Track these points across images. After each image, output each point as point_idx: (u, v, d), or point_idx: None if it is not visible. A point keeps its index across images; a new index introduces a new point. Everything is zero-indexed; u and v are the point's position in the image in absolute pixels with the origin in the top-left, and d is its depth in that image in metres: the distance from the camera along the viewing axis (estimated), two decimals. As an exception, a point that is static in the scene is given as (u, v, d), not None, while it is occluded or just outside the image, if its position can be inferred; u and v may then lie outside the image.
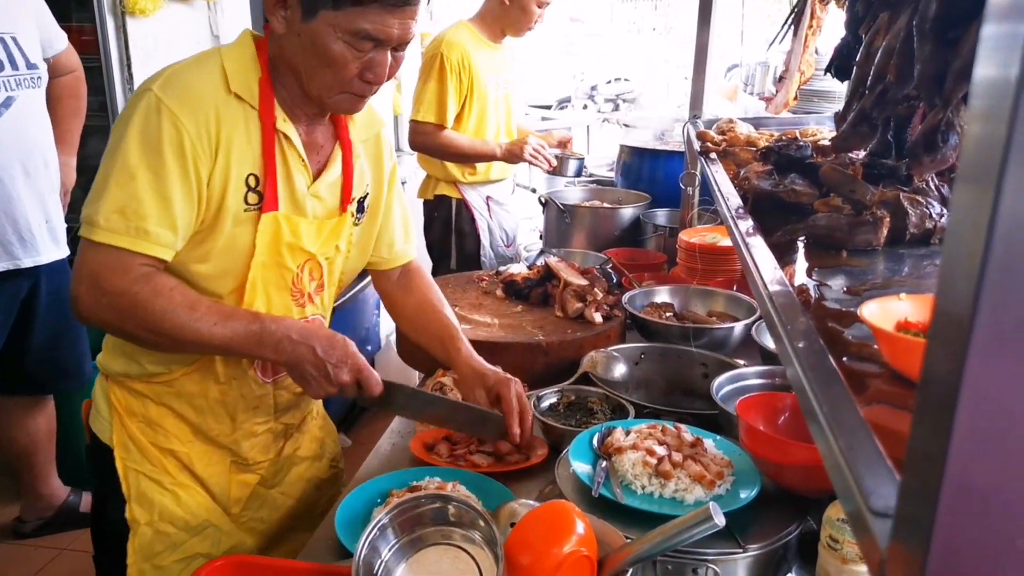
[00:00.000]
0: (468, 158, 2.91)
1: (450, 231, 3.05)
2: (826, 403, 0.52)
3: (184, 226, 1.20)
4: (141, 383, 1.34)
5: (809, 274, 0.91)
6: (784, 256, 1.00)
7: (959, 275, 0.31)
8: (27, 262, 2.38)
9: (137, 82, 2.91)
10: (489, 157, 2.90)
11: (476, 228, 3.03)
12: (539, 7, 2.79)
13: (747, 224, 1.06)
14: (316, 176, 1.34)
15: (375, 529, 0.98)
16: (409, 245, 1.64)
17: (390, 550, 1.01)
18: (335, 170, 1.37)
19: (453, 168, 2.96)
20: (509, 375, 1.46)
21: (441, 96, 2.78)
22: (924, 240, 1.03)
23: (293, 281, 1.34)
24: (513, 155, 2.88)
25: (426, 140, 2.84)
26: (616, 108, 8.73)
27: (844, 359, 0.65)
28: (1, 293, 2.37)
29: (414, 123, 2.84)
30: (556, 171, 2.94)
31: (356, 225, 1.45)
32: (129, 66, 2.87)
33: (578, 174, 3.14)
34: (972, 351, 0.30)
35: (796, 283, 0.84)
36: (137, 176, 1.16)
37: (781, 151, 1.28)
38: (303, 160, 1.30)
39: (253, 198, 1.25)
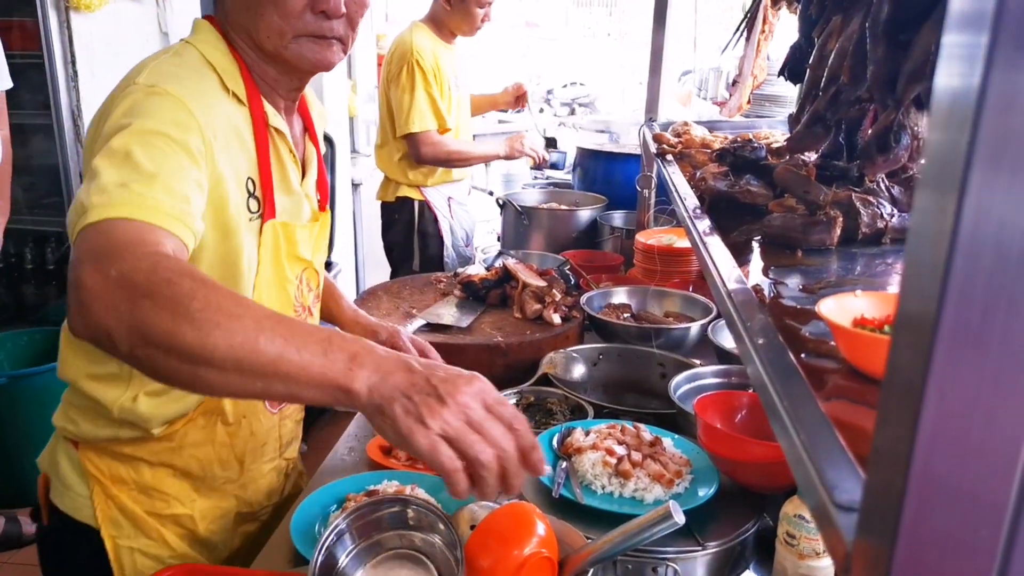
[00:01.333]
0: (475, 161, 3.00)
1: (413, 233, 3.04)
2: (787, 399, 0.53)
3: (196, 213, 0.95)
4: (132, 445, 1.15)
5: (765, 273, 0.92)
6: (740, 256, 1.01)
7: (923, 277, 0.31)
8: None
9: (83, 79, 2.82)
10: (494, 157, 3.00)
11: (439, 229, 3.02)
12: (480, 7, 2.80)
13: (705, 224, 1.07)
14: (302, 174, 1.25)
15: (332, 535, 0.96)
16: None
17: (347, 556, 0.99)
18: (314, 166, 1.29)
19: (415, 171, 2.94)
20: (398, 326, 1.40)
21: (432, 102, 2.78)
22: (876, 239, 1.05)
23: (294, 294, 1.23)
24: (514, 150, 2.98)
25: (435, 150, 2.83)
26: (572, 112, 8.78)
27: (803, 356, 0.66)
28: None
29: (414, 137, 2.81)
30: (541, 166, 3.04)
31: None
32: (74, 63, 2.79)
33: (561, 167, 3.25)
34: (936, 350, 0.30)
35: (753, 282, 0.84)
36: (133, 153, 0.92)
37: (736, 152, 1.30)
38: (294, 155, 1.20)
39: (254, 205, 1.12)
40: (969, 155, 0.29)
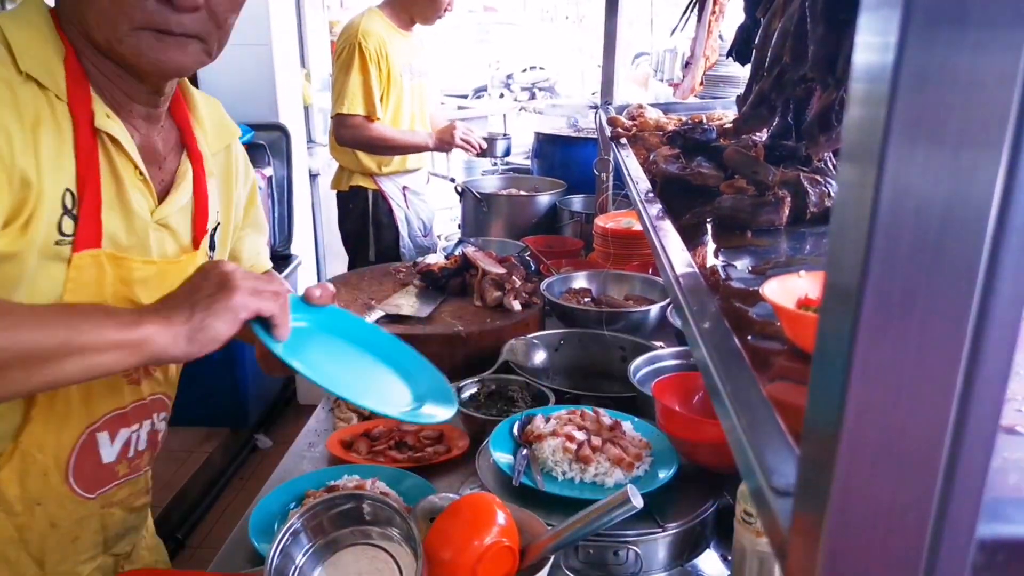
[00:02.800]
0: (399, 150, 2.87)
1: (367, 223, 3.00)
2: (729, 382, 0.53)
3: None
4: None
5: (715, 255, 0.92)
6: (692, 238, 1.01)
7: (847, 251, 0.31)
8: None
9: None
10: (421, 148, 2.89)
11: (395, 219, 2.98)
12: None
13: (655, 208, 1.07)
14: (161, 197, 1.01)
15: (287, 535, 0.94)
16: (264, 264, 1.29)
17: (304, 555, 0.98)
18: (185, 190, 1.04)
19: (367, 159, 2.90)
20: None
21: (366, 86, 2.71)
22: (824, 218, 1.05)
23: None
24: (444, 143, 2.88)
25: (356, 134, 2.76)
26: (532, 96, 8.77)
27: (749, 338, 0.66)
28: None
29: (340, 117, 2.75)
30: (485, 153, 2.97)
31: None
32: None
33: (507, 154, 3.18)
34: (861, 323, 0.30)
35: (701, 264, 0.84)
36: None
37: (687, 135, 1.30)
38: (141, 174, 0.97)
39: (68, 225, 0.89)
40: (887, 130, 0.28)
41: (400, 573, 0.97)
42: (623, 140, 1.72)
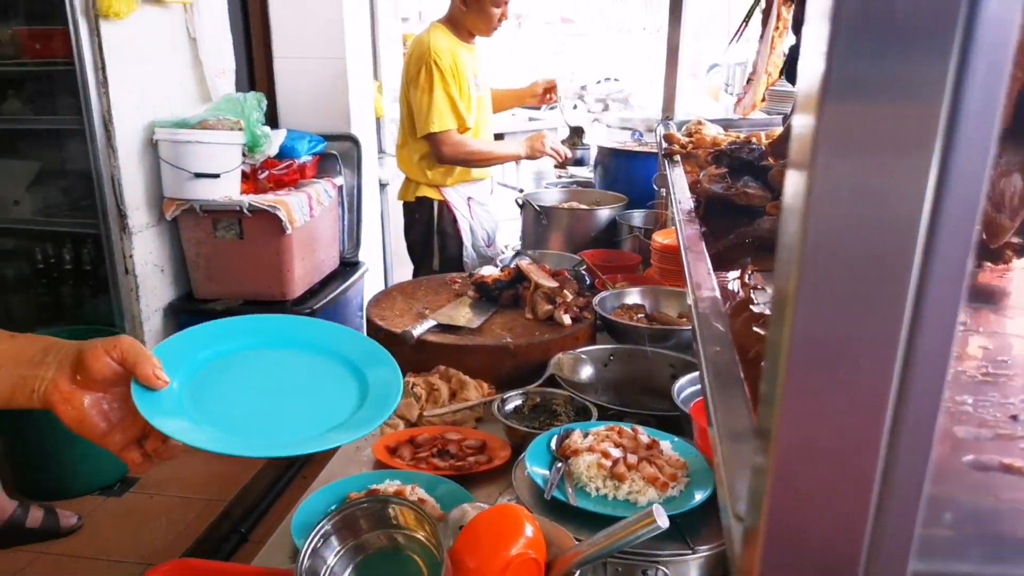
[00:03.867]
0: (496, 160, 3.03)
1: (432, 233, 3.07)
2: (722, 409, 0.53)
3: None
4: None
5: (743, 278, 0.91)
6: (728, 260, 1.00)
7: (787, 256, 0.32)
8: None
9: (112, 86, 2.91)
10: (514, 157, 3.02)
11: (458, 229, 3.04)
12: (496, 7, 2.81)
13: (692, 228, 1.07)
14: None
15: (317, 536, 0.98)
16: None
17: (336, 556, 1.01)
18: None
19: (434, 172, 2.97)
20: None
21: (451, 100, 2.81)
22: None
23: None
24: (535, 151, 2.98)
25: (456, 150, 2.86)
26: (606, 108, 8.74)
27: (763, 363, 0.66)
28: None
29: (435, 137, 2.83)
30: (565, 163, 3.12)
31: None
32: (104, 69, 2.87)
33: (585, 163, 3.32)
34: (797, 324, 0.31)
35: (724, 286, 0.84)
36: None
37: (733, 154, 1.29)
38: None
39: None
40: (816, 138, 0.29)
41: (426, 578, 0.99)
42: (676, 157, 1.72)
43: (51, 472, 2.87)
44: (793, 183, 0.32)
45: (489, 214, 3.19)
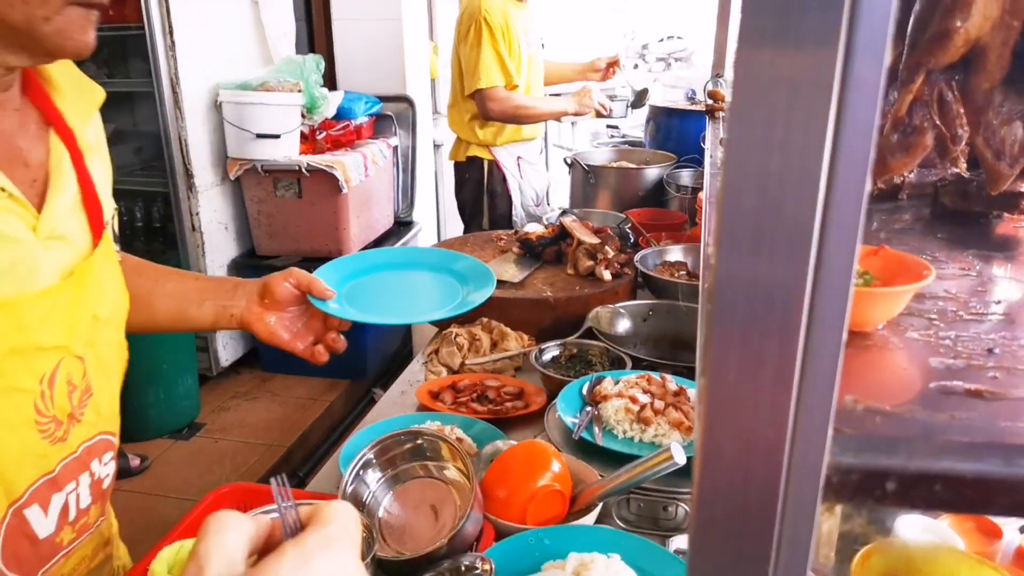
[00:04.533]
0: (543, 116, 3.03)
1: (482, 192, 3.13)
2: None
3: None
4: None
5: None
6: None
7: (713, 220, 0.37)
8: None
9: (180, 49, 3.03)
10: (562, 114, 3.02)
11: (507, 188, 3.10)
12: None
13: (714, 186, 1.10)
14: (39, 204, 0.79)
15: (359, 464, 1.07)
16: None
17: (377, 483, 1.10)
18: (66, 182, 0.82)
19: (484, 131, 3.02)
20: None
21: (499, 57, 2.84)
22: (892, 195, 1.05)
23: (38, 407, 0.78)
24: (583, 105, 2.99)
25: (502, 106, 2.90)
26: (668, 67, 8.56)
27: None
28: None
29: (482, 93, 2.88)
30: (637, 104, 3.28)
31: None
32: (171, 33, 2.99)
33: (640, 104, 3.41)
34: (719, 269, 0.37)
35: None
36: None
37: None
38: (5, 192, 0.74)
39: None
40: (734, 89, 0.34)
41: (457, 503, 1.07)
42: (718, 114, 1.73)
43: (126, 416, 3.06)
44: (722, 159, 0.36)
45: (539, 173, 3.23)
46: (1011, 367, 0.58)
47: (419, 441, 1.08)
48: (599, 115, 3.05)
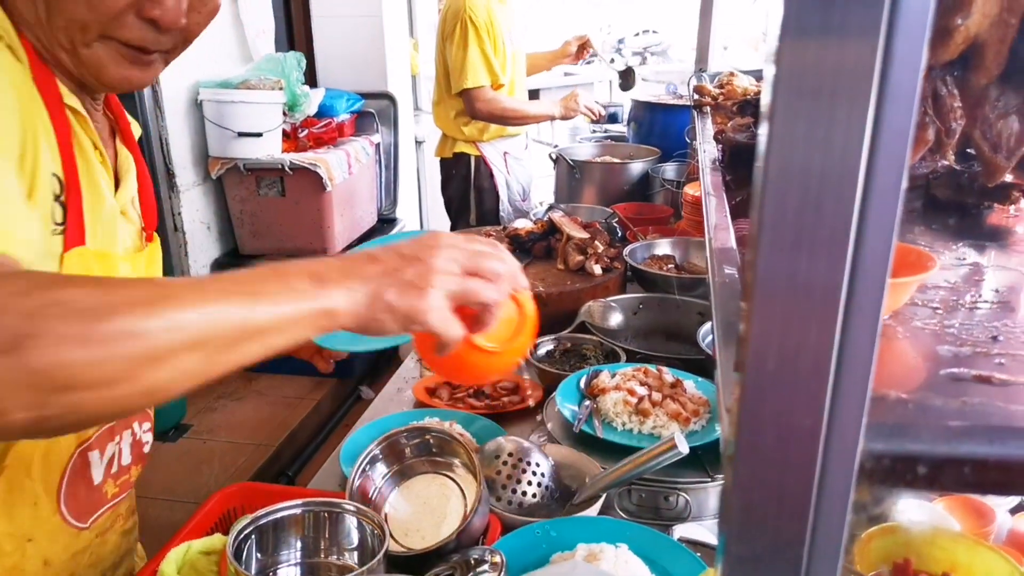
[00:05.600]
0: (529, 119, 3.03)
1: (469, 188, 3.14)
2: (725, 348, 0.60)
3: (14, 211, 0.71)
4: None
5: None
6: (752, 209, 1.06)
7: (757, 195, 0.39)
8: None
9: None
10: (548, 117, 3.04)
11: (495, 184, 3.10)
12: None
13: (714, 178, 1.12)
14: (116, 182, 0.92)
15: (367, 459, 1.08)
16: None
17: (383, 478, 1.11)
18: (132, 182, 0.95)
19: (471, 127, 3.02)
20: None
21: (485, 57, 2.84)
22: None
23: None
24: (569, 109, 2.99)
25: (490, 107, 2.90)
26: (644, 61, 8.60)
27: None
28: None
29: (469, 92, 2.88)
30: (626, 86, 3.14)
31: None
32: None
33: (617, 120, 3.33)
34: (760, 255, 0.38)
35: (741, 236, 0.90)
36: None
37: (758, 104, 1.32)
38: (102, 153, 0.87)
39: (59, 213, 0.78)
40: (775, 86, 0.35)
41: (465, 499, 1.08)
42: (706, 109, 1.75)
43: (112, 418, 3.05)
44: (762, 130, 0.38)
45: (524, 168, 3.24)
46: (1015, 353, 0.60)
47: (426, 437, 1.09)
48: (592, 120, 3.06)
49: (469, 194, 3.14)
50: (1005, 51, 0.67)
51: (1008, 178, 0.81)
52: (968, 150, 0.82)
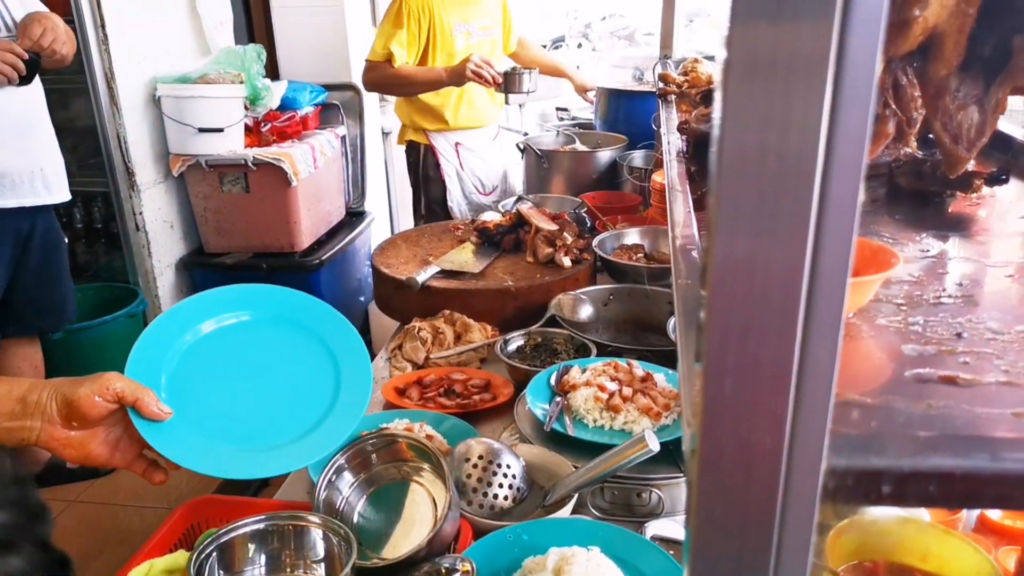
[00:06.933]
0: (417, 86, 2.89)
1: (418, 177, 3.11)
2: (686, 339, 0.58)
3: None
4: None
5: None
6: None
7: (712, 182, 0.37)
8: (29, 201, 2.51)
9: (112, 42, 2.91)
10: (436, 83, 2.83)
11: (441, 174, 3.04)
12: None
13: (677, 169, 1.11)
14: None
15: (332, 470, 1.05)
16: None
17: (350, 487, 1.09)
18: None
19: (418, 116, 2.97)
20: None
21: (395, 36, 2.79)
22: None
23: None
24: (457, 75, 2.77)
25: (375, 76, 2.88)
26: (611, 46, 8.58)
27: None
28: (6, 229, 2.49)
29: (366, 63, 2.87)
30: (508, 88, 2.78)
31: None
32: (103, 26, 2.87)
33: (534, 89, 2.89)
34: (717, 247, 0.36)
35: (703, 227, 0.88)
36: None
37: (721, 93, 1.31)
38: None
39: None
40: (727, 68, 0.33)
41: (435, 505, 1.07)
42: (670, 97, 1.74)
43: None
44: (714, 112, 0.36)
45: (484, 161, 3.16)
46: (980, 351, 0.59)
47: (391, 443, 1.07)
48: (492, 85, 2.79)
49: (419, 184, 3.11)
50: (964, 41, 0.66)
51: (970, 166, 0.81)
52: (930, 135, 0.81)
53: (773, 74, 0.33)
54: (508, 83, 2.77)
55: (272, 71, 3.81)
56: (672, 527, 1.13)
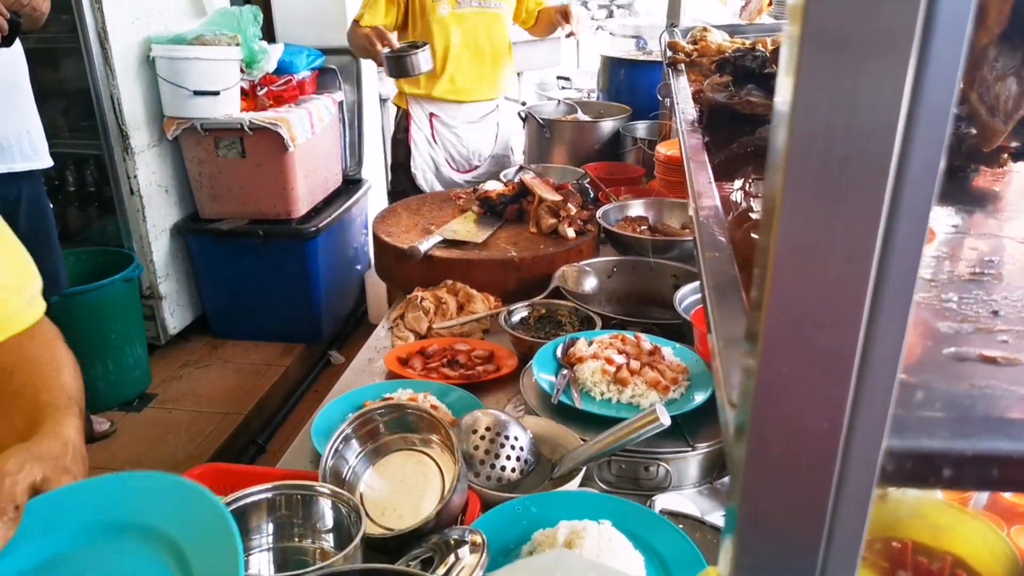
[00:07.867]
0: (358, 50, 2.79)
1: (392, 139, 3.07)
2: (719, 311, 0.56)
3: None
4: None
5: (745, 186, 0.93)
6: (733, 170, 1.02)
7: (775, 154, 0.35)
8: (19, 166, 2.45)
9: (106, 0, 2.84)
10: (368, 51, 2.68)
11: (408, 138, 2.96)
12: None
13: (694, 139, 1.08)
14: None
15: (339, 439, 1.04)
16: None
17: (356, 457, 1.08)
18: None
19: (403, 80, 2.87)
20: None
21: (372, 2, 2.72)
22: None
23: None
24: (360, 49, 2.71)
25: (348, 34, 2.81)
26: (610, 15, 8.46)
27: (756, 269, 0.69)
28: None
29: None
30: (400, 72, 2.64)
31: None
32: (96, -16, 2.80)
33: (429, 67, 2.65)
34: (785, 209, 0.34)
35: (735, 197, 0.86)
36: None
37: (737, 61, 1.28)
38: None
39: None
40: (801, 44, 0.31)
41: (442, 476, 1.06)
42: (680, 66, 1.70)
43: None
44: (783, 85, 0.34)
45: (459, 137, 3.02)
46: (1019, 330, 0.58)
47: (399, 414, 1.06)
48: (391, 73, 2.69)
49: (391, 145, 3.09)
50: (1007, 9, 0.64)
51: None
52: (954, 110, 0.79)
53: (850, 48, 0.31)
54: (394, 66, 2.60)
55: (268, 34, 3.73)
56: (680, 501, 1.12)
